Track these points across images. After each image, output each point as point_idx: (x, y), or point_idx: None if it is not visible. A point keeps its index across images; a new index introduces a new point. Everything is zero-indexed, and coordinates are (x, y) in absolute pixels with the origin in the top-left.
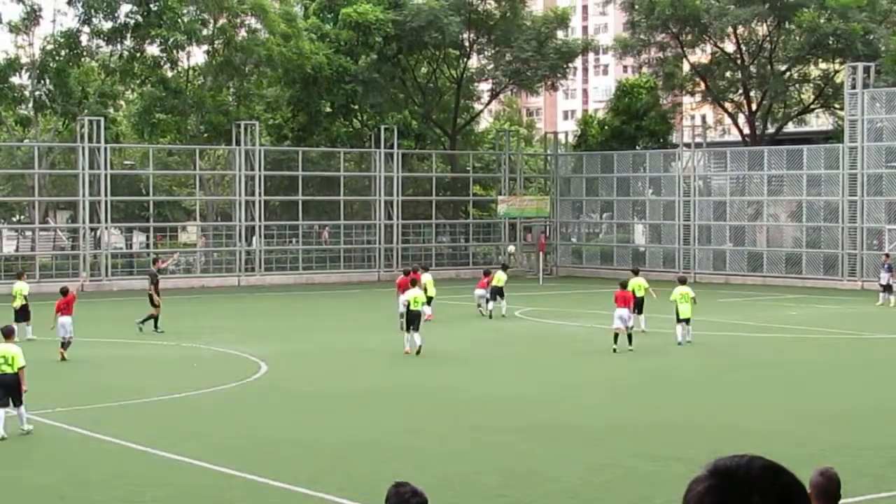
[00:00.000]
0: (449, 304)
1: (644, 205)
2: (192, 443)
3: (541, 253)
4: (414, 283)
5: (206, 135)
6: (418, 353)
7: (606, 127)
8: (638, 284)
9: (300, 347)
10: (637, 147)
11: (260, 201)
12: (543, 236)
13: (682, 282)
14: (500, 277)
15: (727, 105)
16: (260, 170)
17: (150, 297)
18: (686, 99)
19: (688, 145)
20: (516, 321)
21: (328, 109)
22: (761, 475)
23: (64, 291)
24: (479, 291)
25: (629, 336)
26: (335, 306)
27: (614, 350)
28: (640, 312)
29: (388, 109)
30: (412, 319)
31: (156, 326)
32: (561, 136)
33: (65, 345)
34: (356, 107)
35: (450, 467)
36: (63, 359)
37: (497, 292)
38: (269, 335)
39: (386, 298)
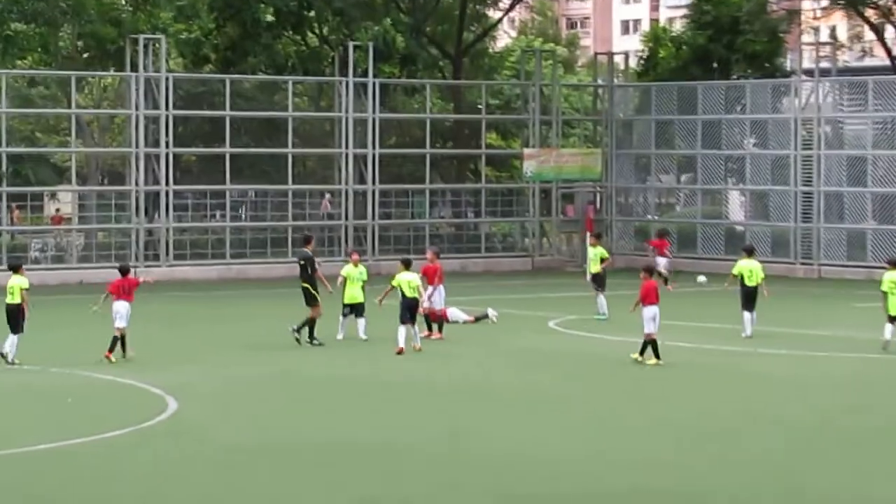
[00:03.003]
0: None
1: (743, 162)
2: None
3: (588, 234)
4: (408, 264)
5: (86, 55)
6: (418, 349)
7: (685, 46)
8: (751, 269)
9: (225, 374)
10: (732, 76)
11: (167, 155)
12: (592, 209)
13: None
14: (597, 252)
15: (869, 13)
16: (168, 108)
17: (307, 291)
18: (806, 4)
19: (809, 73)
20: (550, 335)
21: (270, 18)
22: None
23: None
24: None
25: (652, 345)
26: (279, 313)
27: (636, 360)
28: (751, 308)
29: (359, 19)
30: (408, 309)
31: (312, 336)
32: (618, 60)
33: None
34: (312, 14)
35: None
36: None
37: (594, 282)
38: (180, 355)
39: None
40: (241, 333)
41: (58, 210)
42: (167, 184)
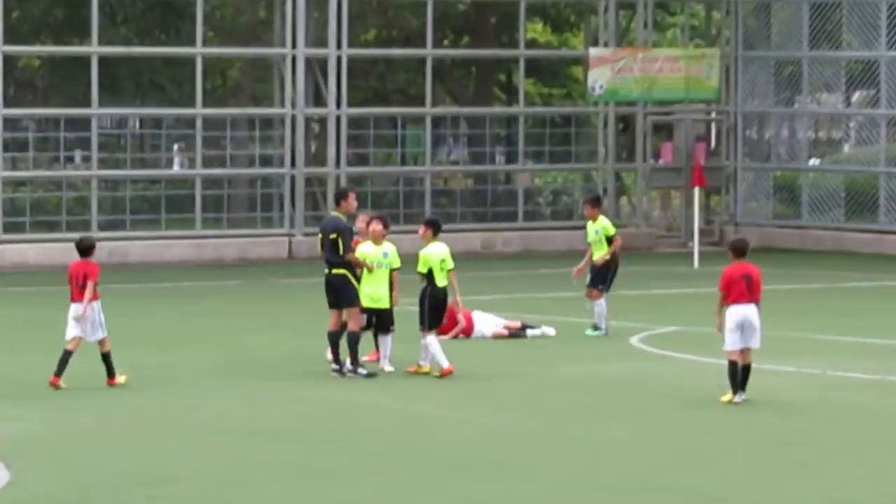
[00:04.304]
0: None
1: None
2: None
3: (696, 189)
4: (437, 228)
5: None
6: (441, 374)
7: None
8: None
9: (89, 419)
10: None
11: None
12: (703, 150)
13: None
14: (599, 228)
15: None
16: None
17: (343, 281)
18: None
19: None
20: (633, 359)
21: None
22: None
23: None
24: None
25: (744, 371)
26: (172, 319)
27: (730, 400)
28: None
29: None
30: (437, 304)
31: (355, 360)
32: None
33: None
34: None
35: None
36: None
37: (599, 276)
38: (14, 391)
39: (307, 298)
40: (115, 355)
41: None
42: None
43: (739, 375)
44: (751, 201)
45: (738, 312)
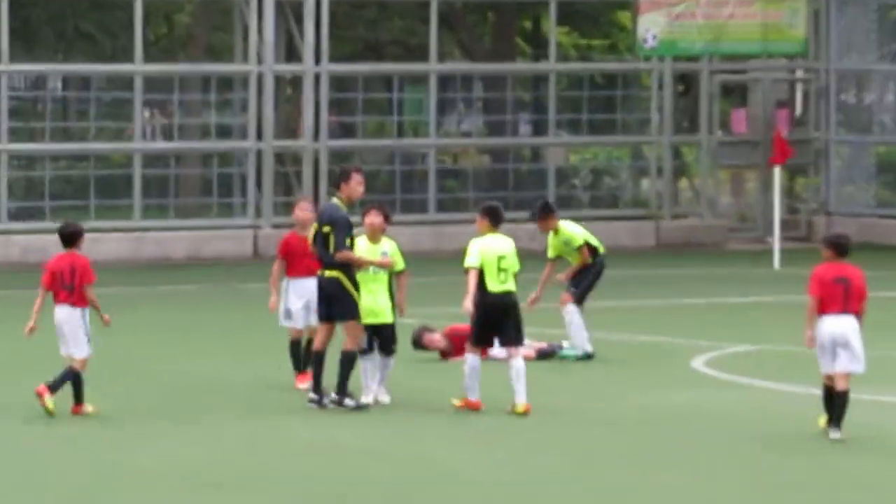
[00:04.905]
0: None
1: None
2: None
3: (777, 169)
4: (496, 217)
5: None
6: (523, 412)
7: None
8: None
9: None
10: None
11: None
12: (786, 118)
13: None
14: (563, 236)
15: None
16: None
17: (339, 286)
18: None
19: None
20: (698, 386)
21: None
22: None
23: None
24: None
25: (839, 399)
26: (104, 335)
27: (824, 425)
28: None
29: None
30: (492, 315)
31: (343, 389)
32: None
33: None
34: None
35: None
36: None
37: (574, 278)
38: None
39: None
40: (29, 382)
41: None
42: None
43: (835, 406)
44: (847, 184)
45: (831, 325)
